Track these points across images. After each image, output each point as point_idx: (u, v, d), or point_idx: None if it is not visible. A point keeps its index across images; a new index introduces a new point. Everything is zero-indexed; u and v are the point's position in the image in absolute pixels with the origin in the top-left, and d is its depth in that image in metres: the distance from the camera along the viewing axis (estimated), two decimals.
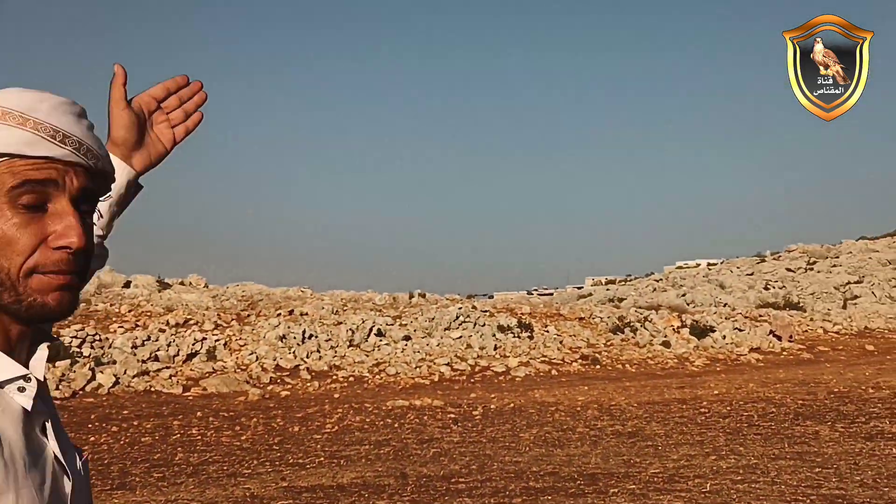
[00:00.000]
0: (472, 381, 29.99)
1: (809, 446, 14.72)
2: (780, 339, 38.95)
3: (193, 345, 29.37)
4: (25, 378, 1.72)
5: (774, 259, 77.47)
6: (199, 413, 22.26)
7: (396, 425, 19.86)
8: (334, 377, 29.08)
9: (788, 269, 71.13)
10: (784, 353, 37.36)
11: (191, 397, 25.03)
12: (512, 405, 22.89)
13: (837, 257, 73.80)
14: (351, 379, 29.01)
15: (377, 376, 29.61)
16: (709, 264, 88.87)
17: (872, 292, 62.19)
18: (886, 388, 22.69)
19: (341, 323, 33.65)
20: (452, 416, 21.11)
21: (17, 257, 1.69)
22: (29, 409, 1.71)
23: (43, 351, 1.78)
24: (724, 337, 38.65)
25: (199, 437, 18.74)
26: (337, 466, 14.82)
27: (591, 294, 75.28)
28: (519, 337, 35.43)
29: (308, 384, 27.83)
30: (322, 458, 15.76)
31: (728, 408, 20.24)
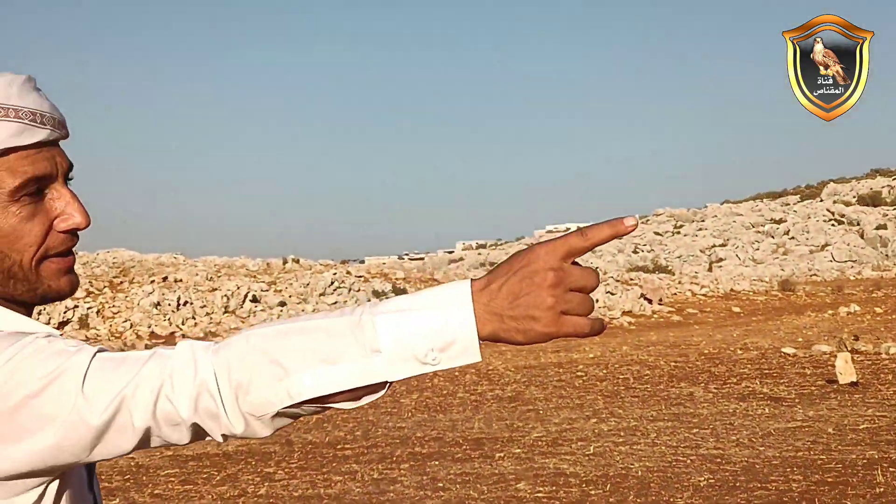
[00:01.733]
0: None
1: (685, 407, 15.09)
2: (650, 301, 39.71)
3: (65, 312, 28.85)
4: (50, 337, 1.68)
5: (643, 223, 78.84)
6: None
7: None
8: None
9: (656, 233, 72.52)
10: (655, 315, 38.11)
11: None
12: None
13: (703, 221, 75.46)
14: None
15: None
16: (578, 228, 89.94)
17: (737, 255, 63.78)
18: (754, 349, 23.31)
19: (216, 289, 33.38)
20: None
21: (29, 248, 1.69)
22: None
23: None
24: (597, 300, 39.26)
25: None
26: None
27: (462, 258, 75.80)
28: None
29: None
30: None
31: (604, 371, 20.60)
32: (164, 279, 34.51)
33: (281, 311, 32.93)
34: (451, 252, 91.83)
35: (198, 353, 1.48)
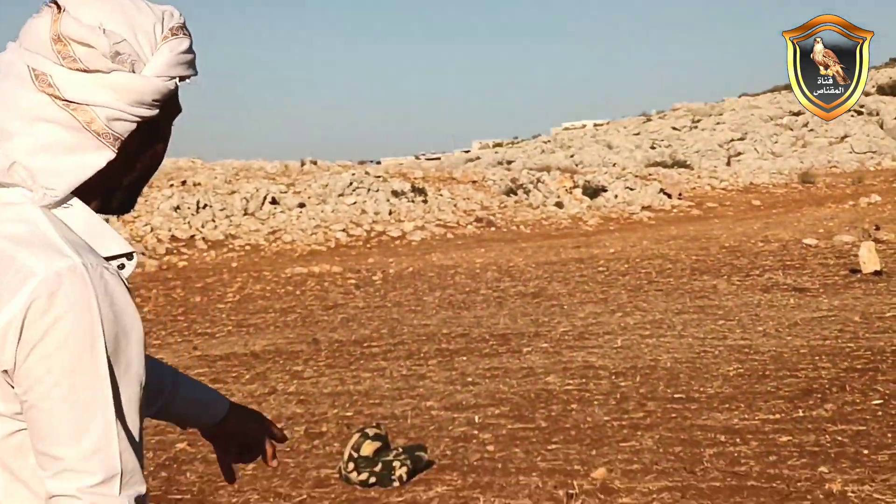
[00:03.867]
0: (369, 246, 30.07)
1: (710, 300, 15.09)
2: (670, 196, 39.60)
3: None
4: (128, 256, 1.76)
5: (660, 118, 78.26)
6: None
7: (298, 292, 19.89)
8: (230, 246, 28.93)
9: (674, 128, 71.98)
10: (674, 210, 38.02)
11: None
12: (411, 269, 23.03)
13: (721, 115, 74.82)
14: (247, 247, 28.90)
15: (273, 244, 29.52)
16: (595, 125, 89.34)
17: (755, 149, 63.35)
18: (775, 241, 23.24)
19: (235, 192, 33.34)
20: (353, 281, 21.18)
21: (151, 177, 1.89)
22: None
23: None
24: (616, 196, 39.15)
25: None
26: (247, 334, 14.83)
27: (479, 157, 75.47)
28: (413, 201, 35.48)
29: (205, 254, 27.67)
30: (230, 327, 15.75)
31: (626, 265, 20.59)
32: (183, 183, 34.48)
33: (301, 211, 32.94)
34: (467, 151, 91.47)
35: None
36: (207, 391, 2.27)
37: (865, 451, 6.81)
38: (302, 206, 33.54)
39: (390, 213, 34.12)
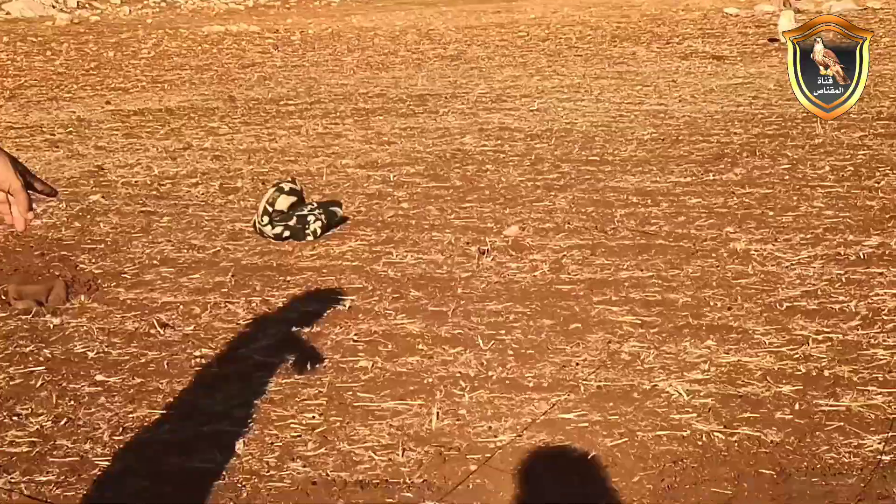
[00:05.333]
0: (288, 6, 29.54)
1: (629, 66, 15.10)
2: None
3: None
4: None
5: None
6: (5, 38, 21.47)
7: (215, 50, 19.55)
8: (145, 2, 28.26)
9: None
10: None
11: None
12: (330, 30, 22.68)
13: None
14: (163, 4, 28.26)
15: (190, 2, 28.86)
16: None
17: None
18: (696, 9, 23.14)
19: None
20: (271, 40, 20.85)
21: None
22: None
23: None
24: None
25: (10, 62, 18.15)
26: (161, 91, 14.59)
27: None
28: None
29: (118, 9, 27.02)
30: (144, 83, 15.47)
31: (546, 31, 20.45)
32: None
33: None
34: None
35: None
36: None
37: (771, 213, 6.96)
38: None
39: None
